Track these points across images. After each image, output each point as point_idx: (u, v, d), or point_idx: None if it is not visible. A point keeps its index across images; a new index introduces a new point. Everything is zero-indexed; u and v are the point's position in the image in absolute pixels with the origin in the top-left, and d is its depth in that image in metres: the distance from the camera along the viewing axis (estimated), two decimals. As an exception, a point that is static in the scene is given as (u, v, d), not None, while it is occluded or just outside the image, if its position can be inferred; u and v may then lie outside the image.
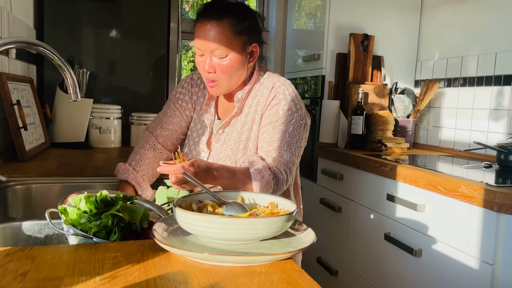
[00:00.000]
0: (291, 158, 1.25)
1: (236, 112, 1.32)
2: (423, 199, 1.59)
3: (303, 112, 1.31)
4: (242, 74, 1.28)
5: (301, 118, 1.29)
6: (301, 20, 2.77)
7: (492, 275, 1.32)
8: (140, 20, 2.46)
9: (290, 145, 1.26)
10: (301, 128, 1.29)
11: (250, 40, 1.26)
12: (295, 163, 1.27)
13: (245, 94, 1.31)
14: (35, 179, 1.36)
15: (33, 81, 2.11)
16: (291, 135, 1.26)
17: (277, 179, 1.21)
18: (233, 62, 1.22)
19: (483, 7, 2.13)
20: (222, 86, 1.27)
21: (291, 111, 1.27)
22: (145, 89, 2.51)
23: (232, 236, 0.71)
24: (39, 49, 1.03)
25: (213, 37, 1.19)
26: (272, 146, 1.25)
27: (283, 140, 1.25)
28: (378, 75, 2.46)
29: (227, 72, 1.23)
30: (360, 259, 1.98)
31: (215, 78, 1.24)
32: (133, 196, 0.84)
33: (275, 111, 1.27)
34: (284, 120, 1.27)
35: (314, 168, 2.43)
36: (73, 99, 1.08)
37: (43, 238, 0.95)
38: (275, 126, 1.27)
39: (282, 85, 1.30)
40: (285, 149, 1.25)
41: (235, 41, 1.21)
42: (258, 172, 1.18)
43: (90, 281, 0.59)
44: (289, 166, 1.25)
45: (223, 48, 1.20)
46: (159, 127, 1.39)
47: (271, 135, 1.26)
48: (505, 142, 1.68)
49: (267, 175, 1.18)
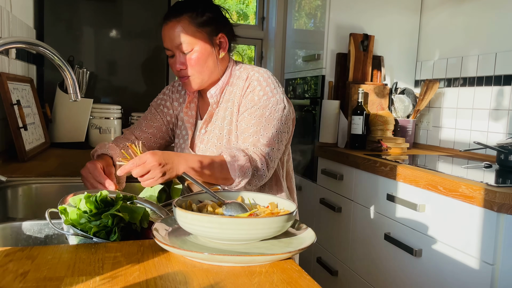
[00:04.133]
0: (268, 142, 1.20)
1: (213, 107, 1.31)
2: (423, 199, 1.59)
3: (281, 98, 1.27)
4: (213, 67, 1.29)
5: (278, 103, 1.25)
6: (301, 20, 2.77)
7: (492, 275, 1.32)
8: (140, 20, 2.46)
9: (267, 129, 1.21)
10: (279, 112, 1.24)
11: (215, 31, 1.28)
12: (274, 148, 1.22)
13: (219, 90, 1.31)
14: (35, 179, 1.36)
15: (33, 81, 2.11)
16: (268, 119, 1.23)
17: (255, 165, 1.16)
18: (200, 54, 1.25)
19: (483, 7, 2.13)
20: (195, 80, 1.28)
21: (267, 96, 1.25)
22: (145, 89, 2.50)
23: (232, 236, 0.71)
24: (39, 49, 1.03)
25: (176, 33, 1.24)
26: (248, 132, 1.22)
27: (259, 125, 1.22)
28: (378, 75, 2.46)
29: (197, 65, 1.25)
30: (360, 259, 1.98)
31: (187, 73, 1.27)
32: (133, 196, 0.84)
33: (251, 98, 1.26)
34: (260, 105, 1.24)
35: (314, 168, 2.43)
36: (73, 99, 1.08)
37: (43, 238, 0.95)
38: (251, 112, 1.24)
39: (256, 73, 1.30)
40: (261, 133, 1.21)
41: (198, 33, 1.25)
42: (232, 156, 1.14)
43: (90, 281, 0.59)
44: (266, 151, 1.20)
45: (187, 42, 1.24)
46: (138, 130, 1.39)
47: (247, 121, 1.24)
48: (505, 142, 1.68)
49: (242, 157, 1.14)
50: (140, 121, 1.41)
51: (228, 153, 1.15)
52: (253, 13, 3.26)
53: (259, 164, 1.17)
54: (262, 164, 1.18)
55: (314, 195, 2.42)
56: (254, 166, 1.16)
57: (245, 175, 1.14)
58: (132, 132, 1.39)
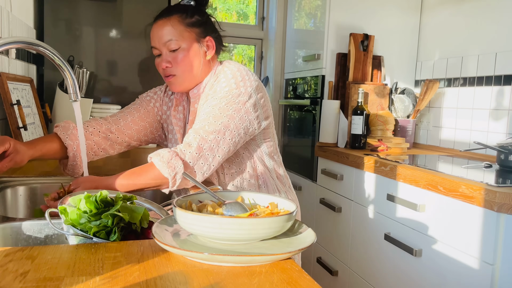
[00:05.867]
0: (213, 130, 1.15)
1: (194, 107, 1.31)
2: (423, 199, 1.59)
3: (248, 91, 1.22)
4: (198, 67, 1.28)
5: (240, 95, 1.21)
6: (301, 20, 2.77)
7: (492, 275, 1.32)
8: (140, 20, 2.46)
9: (216, 117, 1.17)
10: (238, 104, 1.20)
11: (203, 33, 1.29)
12: (219, 137, 1.16)
13: (201, 90, 1.31)
14: (35, 179, 1.36)
15: (33, 81, 2.11)
16: (222, 109, 1.18)
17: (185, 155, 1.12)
18: (186, 53, 1.26)
19: (483, 7, 2.13)
20: (178, 79, 1.28)
21: (229, 88, 1.22)
22: (145, 89, 2.49)
23: (232, 236, 0.71)
24: (39, 49, 1.03)
25: (165, 31, 1.26)
26: (198, 120, 1.19)
27: (210, 113, 1.18)
28: (378, 75, 2.46)
29: (182, 63, 1.26)
30: (360, 259, 1.98)
31: (172, 71, 1.27)
32: (133, 196, 0.84)
33: (213, 91, 1.25)
34: (219, 96, 1.22)
35: (314, 168, 2.43)
36: (73, 99, 1.08)
37: (43, 238, 0.95)
38: (208, 102, 1.22)
39: (226, 67, 1.29)
40: (209, 121, 1.16)
41: (186, 32, 1.26)
42: (156, 154, 1.11)
43: (90, 281, 0.59)
44: (208, 137, 1.14)
45: (175, 39, 1.25)
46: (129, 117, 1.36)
47: (203, 111, 1.21)
48: (505, 142, 1.68)
49: (166, 152, 1.11)
50: (125, 114, 1.38)
51: (155, 156, 1.12)
52: (253, 13, 3.26)
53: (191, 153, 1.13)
54: (196, 152, 1.13)
55: (314, 195, 2.42)
56: (183, 161, 1.11)
57: (176, 168, 1.10)
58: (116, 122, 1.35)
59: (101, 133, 1.32)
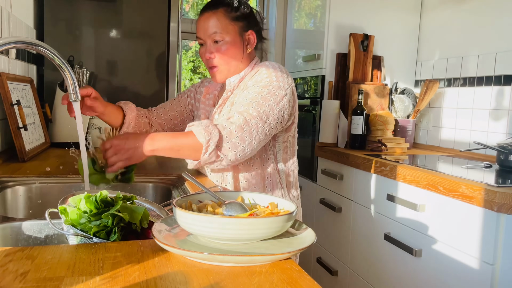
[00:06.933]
0: (256, 115, 1.18)
1: (227, 94, 1.36)
2: (423, 199, 1.59)
3: (285, 87, 1.27)
4: (239, 60, 1.36)
5: (280, 88, 1.25)
6: (301, 20, 2.77)
7: (492, 275, 1.32)
8: (140, 20, 2.46)
9: (259, 105, 1.20)
10: (277, 97, 1.24)
11: (246, 27, 1.36)
12: (259, 124, 1.19)
13: (238, 79, 1.36)
14: (35, 179, 1.36)
15: (33, 81, 2.11)
16: (264, 97, 1.22)
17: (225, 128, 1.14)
18: (230, 45, 1.33)
19: (483, 7, 2.13)
20: (222, 71, 1.36)
21: (270, 79, 1.27)
22: (145, 89, 2.51)
23: (232, 236, 0.71)
24: (39, 49, 1.03)
25: (211, 23, 1.33)
26: (241, 103, 1.22)
27: (253, 99, 1.21)
28: (378, 75, 2.46)
29: (226, 55, 1.33)
30: (360, 259, 1.98)
31: (215, 63, 1.34)
32: (133, 196, 0.84)
33: (254, 80, 1.29)
34: (260, 84, 1.26)
35: (314, 168, 2.43)
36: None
37: (43, 238, 0.95)
38: (250, 89, 1.26)
39: (267, 62, 1.35)
40: (252, 106, 1.19)
41: (231, 26, 1.33)
42: (196, 123, 1.13)
43: (90, 281, 0.59)
44: (249, 120, 1.17)
45: (220, 32, 1.32)
46: (162, 108, 1.55)
47: (244, 96, 1.25)
48: (505, 142, 1.68)
49: (205, 121, 1.14)
50: (161, 105, 1.56)
51: (194, 124, 1.15)
52: (253, 13, 3.26)
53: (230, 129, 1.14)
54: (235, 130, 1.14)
55: (314, 195, 2.42)
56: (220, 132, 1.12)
57: (211, 134, 1.10)
58: (154, 110, 1.54)
59: (146, 118, 1.50)
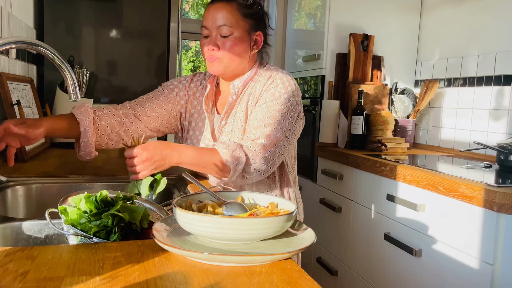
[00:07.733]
0: (280, 136, 1.22)
1: (233, 98, 1.32)
2: (423, 199, 1.59)
3: (299, 103, 1.30)
4: (243, 59, 1.30)
5: (298, 105, 1.28)
6: (301, 20, 2.77)
7: (492, 275, 1.32)
8: (140, 20, 2.46)
9: (281, 124, 1.23)
10: (295, 113, 1.27)
11: (256, 27, 1.31)
12: (283, 144, 1.24)
13: (242, 83, 1.32)
14: (35, 179, 1.36)
15: (33, 81, 2.11)
16: (284, 116, 1.24)
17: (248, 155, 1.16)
18: (237, 41, 1.26)
19: (483, 7, 2.13)
20: (222, 63, 1.28)
21: (287, 95, 1.27)
22: (145, 89, 2.50)
23: (232, 236, 0.71)
24: (39, 49, 1.03)
25: (221, 14, 1.25)
26: (263, 123, 1.23)
27: (275, 119, 1.23)
28: (378, 75, 2.46)
29: (230, 50, 1.27)
30: (360, 259, 1.98)
31: (217, 55, 1.27)
32: (133, 196, 0.84)
33: (271, 93, 1.27)
34: (279, 101, 1.26)
35: (314, 168, 2.43)
36: (73, 99, 1.08)
37: (43, 238, 0.95)
38: (269, 106, 1.25)
39: (281, 73, 1.32)
40: (275, 127, 1.22)
41: (242, 22, 1.27)
42: (222, 144, 1.16)
43: (90, 281, 0.59)
44: (278, 143, 1.22)
45: (229, 25, 1.25)
46: (140, 108, 1.33)
47: (264, 113, 1.25)
48: (505, 142, 1.68)
49: (231, 142, 1.16)
50: (143, 100, 1.36)
51: (221, 144, 1.17)
52: (253, 13, 3.26)
53: (255, 151, 1.18)
54: (262, 156, 1.18)
55: (314, 195, 2.42)
56: (246, 155, 1.16)
57: (239, 162, 1.14)
58: (133, 108, 1.34)
59: (116, 117, 1.29)
